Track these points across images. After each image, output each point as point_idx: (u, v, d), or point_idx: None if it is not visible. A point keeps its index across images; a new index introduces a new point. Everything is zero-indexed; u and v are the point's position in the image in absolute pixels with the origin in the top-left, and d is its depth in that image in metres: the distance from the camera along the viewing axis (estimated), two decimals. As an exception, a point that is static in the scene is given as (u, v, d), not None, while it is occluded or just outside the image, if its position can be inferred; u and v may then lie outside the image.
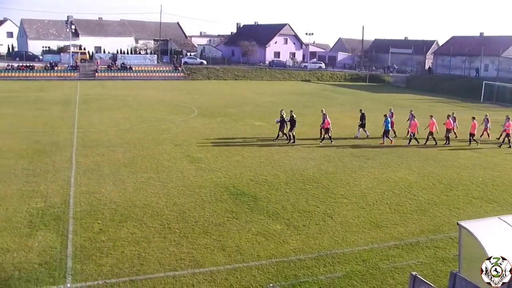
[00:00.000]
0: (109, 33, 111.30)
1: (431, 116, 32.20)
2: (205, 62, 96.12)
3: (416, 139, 31.37)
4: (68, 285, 12.60)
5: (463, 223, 10.80)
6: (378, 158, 27.46)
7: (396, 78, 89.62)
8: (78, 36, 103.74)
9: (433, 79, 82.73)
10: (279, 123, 31.26)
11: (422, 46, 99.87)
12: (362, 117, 33.36)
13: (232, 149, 28.46)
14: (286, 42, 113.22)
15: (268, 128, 34.97)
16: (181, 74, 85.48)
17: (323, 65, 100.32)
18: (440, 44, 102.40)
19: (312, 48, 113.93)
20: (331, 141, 30.96)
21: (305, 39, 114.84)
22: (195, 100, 52.41)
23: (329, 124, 30.97)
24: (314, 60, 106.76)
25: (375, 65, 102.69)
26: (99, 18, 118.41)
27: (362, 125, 33.45)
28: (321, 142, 30.83)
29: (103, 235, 15.64)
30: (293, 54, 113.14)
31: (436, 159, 27.60)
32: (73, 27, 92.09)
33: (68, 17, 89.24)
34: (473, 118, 32.51)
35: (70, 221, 16.77)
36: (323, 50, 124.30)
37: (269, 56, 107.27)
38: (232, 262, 14.12)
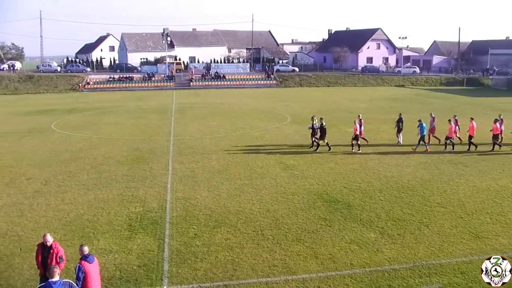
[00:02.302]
0: (203, 43, 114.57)
1: (472, 119, 30.00)
2: (297, 69, 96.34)
3: (453, 144, 29.45)
4: (165, 287, 12.96)
5: None
6: (477, 165, 26.12)
7: (497, 81, 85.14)
8: (174, 47, 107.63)
9: (539, 80, 77.61)
10: (311, 130, 30.56)
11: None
12: (399, 122, 31.77)
13: (325, 156, 28.21)
14: (378, 47, 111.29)
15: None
16: (274, 82, 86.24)
17: (417, 70, 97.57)
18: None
19: (405, 52, 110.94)
20: (352, 149, 29.44)
21: (398, 43, 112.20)
22: (287, 107, 52.63)
23: (356, 130, 29.36)
24: (408, 64, 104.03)
25: (473, 67, 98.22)
26: (193, 29, 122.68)
27: (399, 130, 31.88)
28: (359, 150, 29.33)
29: (198, 240, 15.97)
30: (386, 59, 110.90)
31: (543, 167, 25.83)
32: (168, 39, 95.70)
33: (164, 29, 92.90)
34: None
35: (167, 225, 17.29)
36: (417, 54, 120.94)
37: (362, 62, 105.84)
38: (325, 270, 13.92)
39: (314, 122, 30.24)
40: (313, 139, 30.18)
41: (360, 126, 30.53)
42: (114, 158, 27.83)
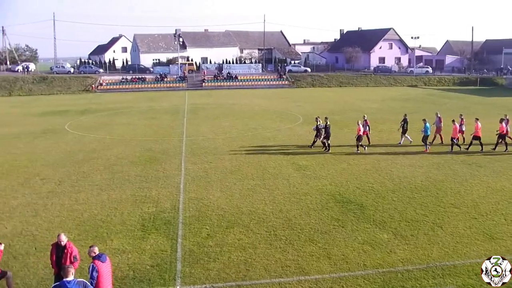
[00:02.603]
0: (215, 44, 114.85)
1: (477, 119, 29.65)
2: (309, 69, 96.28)
3: (458, 145, 29.32)
4: (178, 287, 13.01)
5: None
6: (491, 165, 25.90)
7: (511, 81, 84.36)
8: (186, 48, 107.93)
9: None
10: (315, 131, 30.49)
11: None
12: (403, 122, 31.55)
13: (338, 156, 28.14)
14: (391, 47, 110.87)
15: (374, 135, 34.18)
16: (286, 82, 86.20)
17: (430, 70, 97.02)
18: None
19: (418, 52, 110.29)
20: (357, 150, 29.25)
21: (410, 43, 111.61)
22: (300, 108, 52.58)
23: (359, 131, 29.22)
24: (421, 64, 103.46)
25: (487, 67, 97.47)
26: (205, 30, 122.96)
27: (404, 131, 31.69)
28: (364, 149, 29.26)
29: (211, 240, 16.01)
30: (399, 59, 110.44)
31: (558, 167, 25.56)
32: (180, 39, 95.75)
33: (176, 30, 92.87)
34: None
35: (180, 225, 17.35)
36: (430, 54, 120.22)
37: (374, 62, 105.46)
38: (338, 271, 13.90)
39: (319, 123, 30.22)
40: (322, 140, 30.13)
41: (367, 127, 30.79)
42: (127, 158, 27.98)
